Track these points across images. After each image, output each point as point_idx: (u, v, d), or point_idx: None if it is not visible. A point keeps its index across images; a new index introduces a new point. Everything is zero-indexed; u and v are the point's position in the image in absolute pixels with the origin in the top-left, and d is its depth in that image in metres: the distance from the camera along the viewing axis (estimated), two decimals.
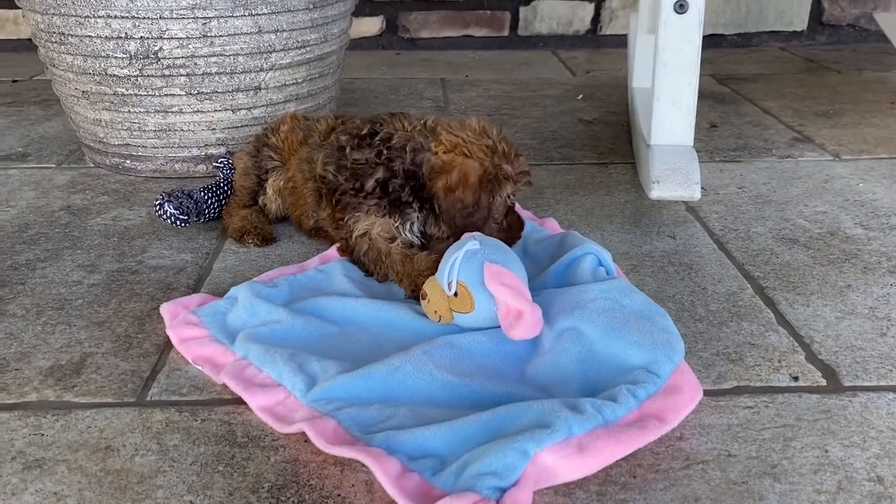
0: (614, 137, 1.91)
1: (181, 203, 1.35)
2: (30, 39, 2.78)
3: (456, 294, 1.00)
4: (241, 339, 0.99)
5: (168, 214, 1.35)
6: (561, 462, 0.78)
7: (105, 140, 1.65)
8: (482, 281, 0.98)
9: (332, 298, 1.10)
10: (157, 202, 1.36)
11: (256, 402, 0.90)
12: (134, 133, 1.62)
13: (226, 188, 1.44)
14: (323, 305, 1.08)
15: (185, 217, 1.36)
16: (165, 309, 1.09)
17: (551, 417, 0.81)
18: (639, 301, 1.01)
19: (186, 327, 1.04)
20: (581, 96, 2.29)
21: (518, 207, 1.39)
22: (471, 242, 1.02)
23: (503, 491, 0.74)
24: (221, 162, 1.55)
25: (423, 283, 1.06)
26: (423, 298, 1.04)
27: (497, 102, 2.22)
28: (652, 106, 1.48)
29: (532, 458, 0.77)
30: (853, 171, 1.66)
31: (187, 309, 1.08)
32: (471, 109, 2.13)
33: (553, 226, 1.34)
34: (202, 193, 1.40)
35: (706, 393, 0.93)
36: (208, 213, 1.40)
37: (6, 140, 1.89)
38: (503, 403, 0.86)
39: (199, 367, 0.99)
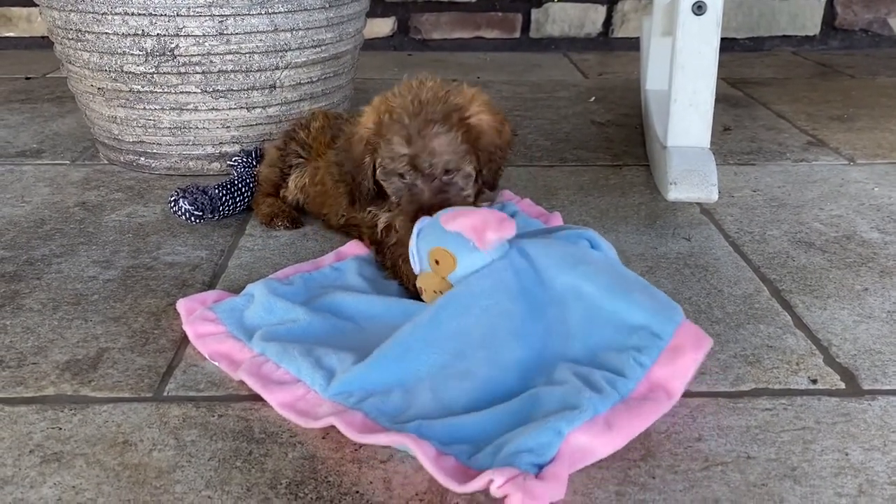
0: (628, 139, 1.91)
1: (196, 199, 1.35)
2: (43, 37, 2.79)
3: (437, 262, 1.02)
4: (259, 337, 0.99)
5: (183, 210, 1.35)
6: (595, 440, 0.81)
7: (120, 137, 1.66)
8: (445, 233, 1.01)
9: (347, 295, 1.10)
10: (172, 198, 1.36)
11: (276, 398, 0.90)
12: (149, 130, 1.62)
13: (241, 186, 1.44)
14: (339, 302, 1.08)
15: (200, 213, 1.36)
16: (182, 305, 1.09)
17: (576, 399, 0.83)
18: (635, 275, 1.03)
19: (203, 323, 1.04)
20: (594, 98, 2.28)
21: (528, 203, 1.39)
22: (419, 222, 1.07)
23: (541, 467, 0.77)
24: (236, 160, 1.55)
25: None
26: (422, 294, 1.06)
27: (510, 104, 2.21)
28: (668, 108, 1.48)
29: (566, 438, 0.79)
30: (868, 176, 1.66)
31: (204, 305, 1.08)
32: None
33: (557, 221, 1.35)
34: (217, 190, 1.40)
35: (724, 395, 0.93)
36: (223, 209, 1.40)
37: (20, 136, 1.90)
38: (514, 338, 0.92)
39: (217, 364, 0.98)
